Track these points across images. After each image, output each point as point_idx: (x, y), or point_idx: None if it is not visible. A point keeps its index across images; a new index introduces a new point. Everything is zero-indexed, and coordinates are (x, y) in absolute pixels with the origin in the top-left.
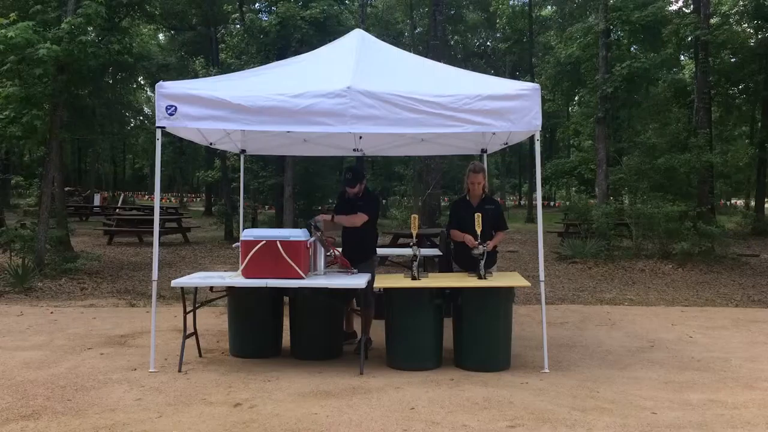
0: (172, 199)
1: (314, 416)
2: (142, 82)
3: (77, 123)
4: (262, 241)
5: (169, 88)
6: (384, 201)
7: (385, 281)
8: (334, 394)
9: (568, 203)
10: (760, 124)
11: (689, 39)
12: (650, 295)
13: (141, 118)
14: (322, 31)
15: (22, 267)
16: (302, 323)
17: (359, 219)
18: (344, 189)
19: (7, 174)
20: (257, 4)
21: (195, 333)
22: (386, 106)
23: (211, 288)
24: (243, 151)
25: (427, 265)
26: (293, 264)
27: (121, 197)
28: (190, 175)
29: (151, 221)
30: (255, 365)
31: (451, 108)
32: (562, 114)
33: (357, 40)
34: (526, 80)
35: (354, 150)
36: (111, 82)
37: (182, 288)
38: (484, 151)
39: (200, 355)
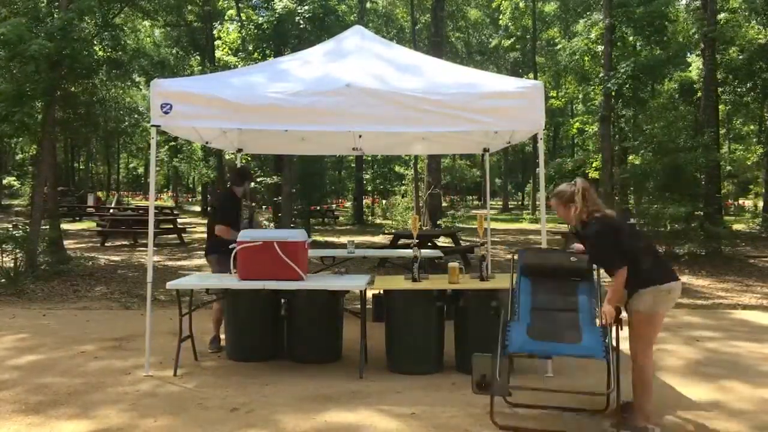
0: (170, 199)
1: (313, 421)
2: (137, 80)
3: (70, 121)
4: (259, 242)
5: (164, 85)
6: (383, 201)
7: (385, 283)
8: (333, 398)
9: None
10: None
11: (695, 36)
12: None
13: (136, 116)
14: (321, 28)
15: (14, 269)
16: (300, 326)
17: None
18: (232, 191)
19: None
20: (254, 0)
21: (191, 336)
22: (386, 104)
23: (208, 290)
24: (240, 150)
25: (428, 267)
26: (293, 265)
27: (115, 197)
28: (186, 174)
29: (146, 221)
30: (252, 369)
31: (453, 106)
32: (566, 112)
33: (356, 37)
34: (528, 78)
35: (353, 149)
36: (105, 79)
37: (178, 290)
38: (486, 150)
39: (196, 359)
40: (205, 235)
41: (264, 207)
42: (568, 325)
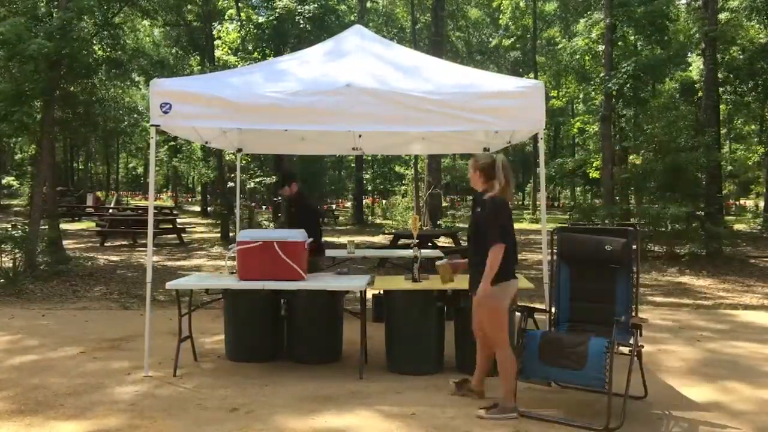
0: (169, 199)
1: (312, 421)
2: (136, 79)
3: (70, 120)
4: (258, 242)
5: (164, 85)
6: (383, 201)
7: (385, 283)
8: (333, 399)
9: (572, 203)
10: None
11: (696, 35)
12: (657, 298)
13: (135, 116)
14: (321, 27)
15: (13, 269)
16: (300, 326)
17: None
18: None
19: None
20: (254, 0)
21: (190, 336)
22: (386, 104)
23: (207, 290)
24: (240, 149)
25: (428, 267)
26: (293, 265)
27: (114, 197)
28: (185, 174)
29: (145, 221)
30: (252, 369)
31: (453, 106)
32: (567, 112)
33: (356, 37)
34: (528, 77)
35: (353, 149)
36: (104, 78)
37: (177, 290)
38: (486, 149)
39: (196, 359)
40: (203, 235)
41: (264, 207)
42: (579, 343)
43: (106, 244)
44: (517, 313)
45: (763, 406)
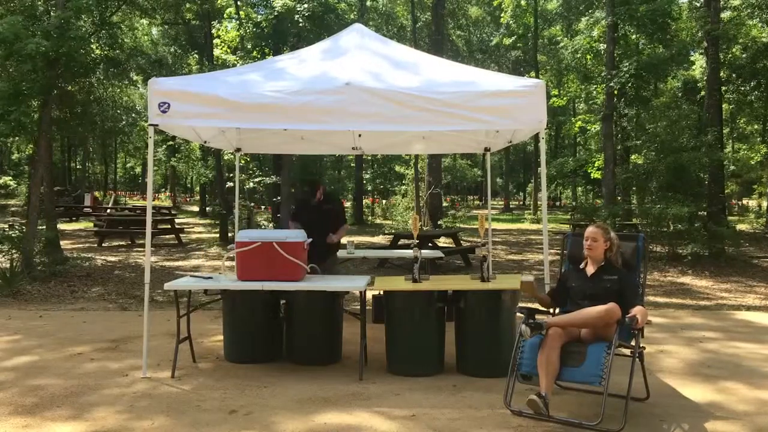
0: (168, 199)
1: (312, 423)
2: (134, 78)
3: (67, 120)
4: (257, 242)
5: (162, 84)
6: (383, 201)
7: (385, 284)
8: (332, 400)
9: (573, 203)
10: None
11: (699, 34)
12: (658, 298)
13: (133, 115)
14: (320, 26)
15: (10, 270)
16: (299, 327)
17: (345, 230)
18: (302, 198)
19: None
20: None
21: (189, 337)
22: (386, 103)
23: (206, 291)
24: (238, 149)
25: (428, 267)
26: (296, 261)
27: (112, 197)
28: (184, 174)
29: (143, 222)
30: (251, 371)
31: (453, 105)
32: (568, 111)
33: (356, 35)
34: (530, 76)
35: (353, 148)
36: (102, 78)
37: (175, 291)
38: (487, 149)
39: (194, 361)
40: (201, 236)
41: (263, 207)
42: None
43: (103, 245)
44: (518, 314)
45: (764, 406)
